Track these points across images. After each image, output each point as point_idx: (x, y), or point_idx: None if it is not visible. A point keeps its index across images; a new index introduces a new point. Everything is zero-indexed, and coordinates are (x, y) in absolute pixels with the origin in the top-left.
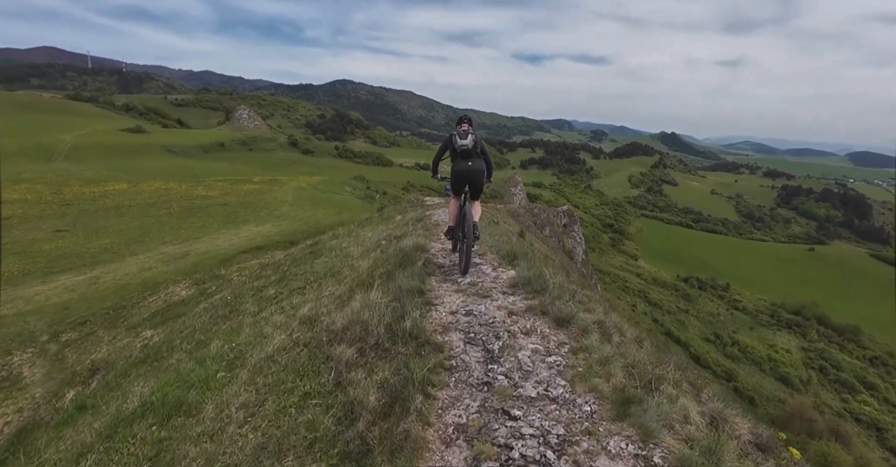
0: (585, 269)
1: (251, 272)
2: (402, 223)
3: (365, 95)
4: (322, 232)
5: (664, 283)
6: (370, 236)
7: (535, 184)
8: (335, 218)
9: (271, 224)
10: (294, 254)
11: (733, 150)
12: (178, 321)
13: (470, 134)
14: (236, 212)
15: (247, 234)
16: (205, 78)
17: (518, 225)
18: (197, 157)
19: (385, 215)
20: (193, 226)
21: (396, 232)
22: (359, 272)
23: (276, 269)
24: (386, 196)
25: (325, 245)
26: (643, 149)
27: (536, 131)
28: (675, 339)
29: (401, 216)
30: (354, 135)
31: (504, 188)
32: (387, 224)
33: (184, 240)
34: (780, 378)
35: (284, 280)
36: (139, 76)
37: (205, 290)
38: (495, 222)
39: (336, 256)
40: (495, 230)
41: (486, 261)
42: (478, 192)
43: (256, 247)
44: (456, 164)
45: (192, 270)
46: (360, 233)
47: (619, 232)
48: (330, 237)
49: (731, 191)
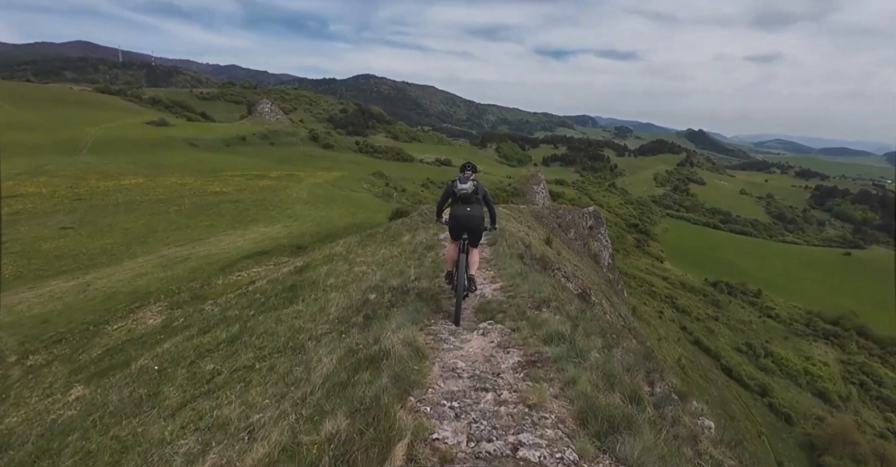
0: (612, 274)
1: (222, 305)
2: (408, 251)
3: (387, 90)
4: (333, 235)
5: (692, 288)
6: (364, 270)
7: (557, 181)
8: (349, 218)
9: (281, 224)
10: (274, 283)
11: (764, 149)
12: (112, 378)
13: (471, 180)
14: (247, 210)
15: (254, 236)
16: (231, 72)
17: (544, 229)
18: (218, 151)
19: (392, 232)
20: (201, 226)
21: (397, 267)
22: (320, 370)
23: (239, 316)
24: (405, 193)
25: (311, 275)
26: (669, 147)
27: (559, 127)
28: (705, 349)
29: (409, 235)
30: (376, 130)
31: (526, 186)
32: (391, 246)
33: (188, 242)
34: (817, 393)
35: (236, 342)
36: (167, 70)
37: (171, 322)
38: (516, 220)
39: (313, 303)
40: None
41: (508, 315)
42: (476, 239)
43: (261, 251)
44: (455, 209)
45: (188, 278)
46: (358, 254)
47: (644, 232)
48: (324, 259)
49: (761, 191)
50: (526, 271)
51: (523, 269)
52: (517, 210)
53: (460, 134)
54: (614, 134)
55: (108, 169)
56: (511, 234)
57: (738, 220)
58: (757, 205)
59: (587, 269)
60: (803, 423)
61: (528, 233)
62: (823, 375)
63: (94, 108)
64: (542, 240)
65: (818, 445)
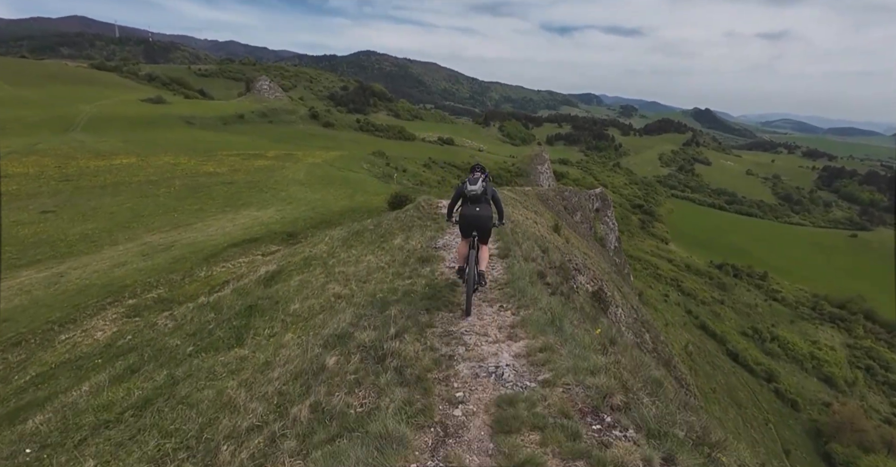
0: (618, 258)
1: (177, 319)
2: (398, 261)
3: (389, 67)
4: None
5: (697, 270)
6: (338, 292)
7: (561, 160)
8: (346, 202)
9: (274, 208)
10: (237, 295)
11: (771, 128)
12: (10, 429)
13: (480, 181)
14: (240, 192)
15: (244, 221)
16: (230, 48)
17: (551, 214)
18: (215, 130)
19: (383, 230)
20: (189, 210)
21: (380, 292)
22: None
23: (175, 354)
24: (406, 174)
25: (278, 289)
26: (675, 126)
27: (563, 106)
28: (711, 333)
29: (402, 236)
30: (377, 108)
31: (530, 166)
32: (379, 251)
33: (174, 227)
34: (823, 378)
35: (146, 412)
36: (165, 46)
37: (117, 340)
38: (524, 213)
39: (261, 349)
40: (528, 246)
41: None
42: (486, 236)
43: (250, 239)
44: (465, 209)
45: (168, 269)
46: (340, 259)
47: (649, 213)
48: (300, 264)
49: (767, 171)
50: (557, 311)
51: (552, 307)
52: (522, 193)
53: (463, 112)
54: (619, 113)
55: (100, 148)
56: (524, 235)
57: (744, 201)
58: (763, 185)
59: (596, 257)
60: (809, 409)
61: (535, 219)
62: (830, 360)
63: (90, 85)
64: (551, 228)
65: (825, 432)
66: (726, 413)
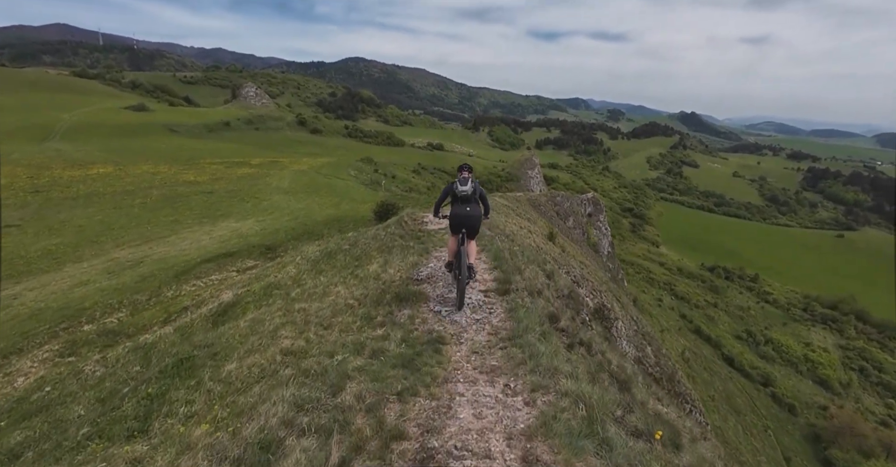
0: (612, 263)
1: (107, 366)
2: (370, 299)
3: (377, 73)
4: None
5: (690, 273)
6: (288, 347)
7: (550, 165)
8: (331, 211)
9: (255, 219)
10: (178, 337)
11: (755, 131)
12: None
13: (469, 181)
14: (220, 202)
15: (222, 233)
16: (217, 55)
17: (544, 221)
18: (200, 137)
19: (359, 251)
20: (164, 221)
21: (343, 350)
22: None
23: (65, 435)
24: (395, 180)
25: (222, 333)
26: (662, 130)
27: (552, 110)
28: (706, 338)
29: (379, 261)
30: (366, 114)
31: (520, 170)
32: (351, 280)
33: (145, 241)
34: (818, 381)
35: None
36: (150, 53)
37: (36, 390)
38: (509, 225)
39: (166, 444)
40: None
41: None
42: (474, 233)
43: (226, 253)
44: (455, 208)
45: (134, 288)
46: (305, 289)
47: (640, 216)
48: (259, 294)
49: (753, 173)
50: (588, 394)
51: (581, 392)
52: (514, 199)
53: (452, 117)
54: (607, 117)
55: (77, 157)
56: (524, 254)
57: (732, 203)
58: (750, 187)
59: (592, 265)
60: (807, 413)
61: (530, 228)
62: (824, 362)
63: (71, 93)
64: (545, 236)
65: (824, 437)
66: (726, 421)
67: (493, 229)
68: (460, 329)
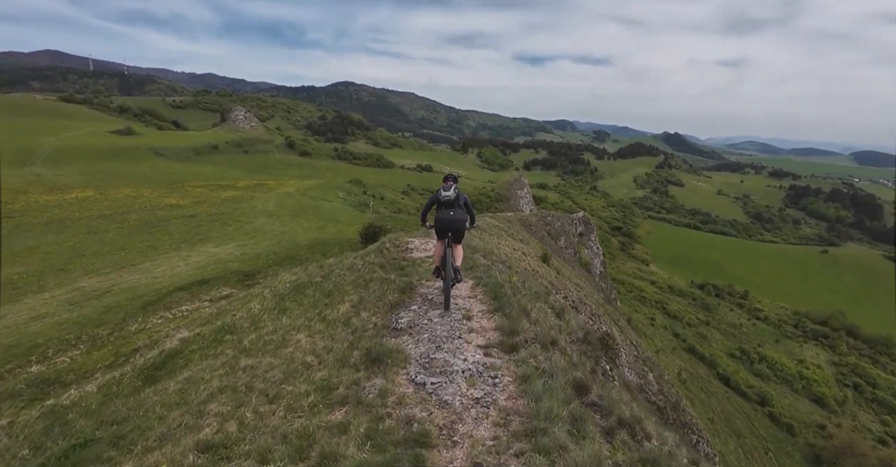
0: (604, 283)
1: (11, 434)
2: (335, 356)
3: (367, 97)
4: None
5: (680, 291)
6: (207, 434)
7: (539, 185)
8: (316, 234)
9: (235, 243)
10: (103, 397)
11: (737, 150)
12: None
13: (453, 188)
14: (200, 226)
15: (199, 259)
16: (207, 80)
17: (537, 242)
18: (186, 161)
19: (332, 285)
20: (140, 247)
21: (285, 446)
22: None
23: None
24: (383, 201)
25: (152, 395)
26: (647, 150)
27: (539, 132)
28: (700, 357)
29: (353, 300)
30: (356, 137)
31: (510, 191)
32: (317, 325)
33: (117, 268)
34: (814, 398)
35: None
36: (141, 79)
37: None
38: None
39: None
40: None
41: None
42: (459, 237)
43: (201, 280)
44: (440, 213)
45: (96, 321)
46: (262, 334)
47: (629, 235)
48: (210, 339)
49: (737, 191)
50: None
51: None
52: (505, 219)
53: (441, 139)
54: (593, 138)
55: (57, 181)
56: (525, 286)
57: (718, 221)
58: (735, 205)
59: (587, 287)
60: (805, 433)
61: (524, 250)
62: (818, 379)
63: (57, 117)
64: (539, 258)
65: (825, 458)
66: (727, 445)
67: (489, 256)
68: (453, 416)
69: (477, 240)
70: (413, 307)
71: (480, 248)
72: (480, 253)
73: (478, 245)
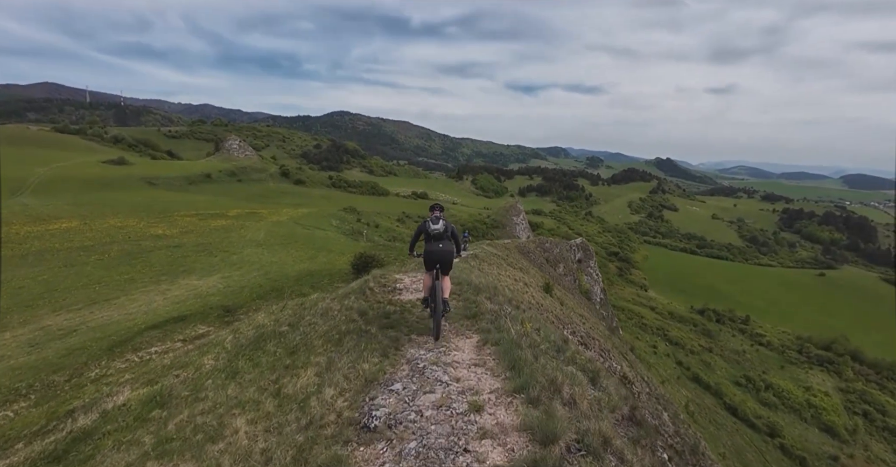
0: (605, 311)
1: None
2: (285, 463)
3: (362, 126)
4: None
5: (681, 317)
6: None
7: (534, 211)
8: (305, 265)
9: (219, 275)
10: None
11: (729, 175)
12: None
13: (441, 220)
14: (185, 257)
15: (179, 293)
16: (204, 111)
17: (538, 271)
18: (179, 190)
19: (299, 337)
20: (117, 280)
21: None
22: None
23: None
24: (378, 229)
25: None
26: (640, 175)
27: (533, 158)
28: (705, 386)
29: (320, 366)
30: (351, 165)
31: (506, 217)
32: (268, 402)
33: (89, 304)
34: (824, 428)
35: None
36: (137, 110)
37: None
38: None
39: None
40: None
41: None
42: (447, 268)
43: (178, 317)
44: (428, 246)
45: (56, 365)
46: (200, 409)
47: (626, 260)
48: (136, 415)
49: (731, 215)
50: None
51: None
52: (503, 246)
53: (436, 167)
54: (586, 164)
55: (43, 212)
56: (550, 346)
57: (714, 245)
58: (729, 229)
59: (590, 317)
60: (818, 465)
61: (526, 281)
62: (827, 407)
63: (50, 148)
64: (541, 288)
65: None
66: None
67: (495, 297)
68: None
69: (476, 273)
70: (396, 385)
71: (483, 286)
72: (484, 294)
73: (480, 282)
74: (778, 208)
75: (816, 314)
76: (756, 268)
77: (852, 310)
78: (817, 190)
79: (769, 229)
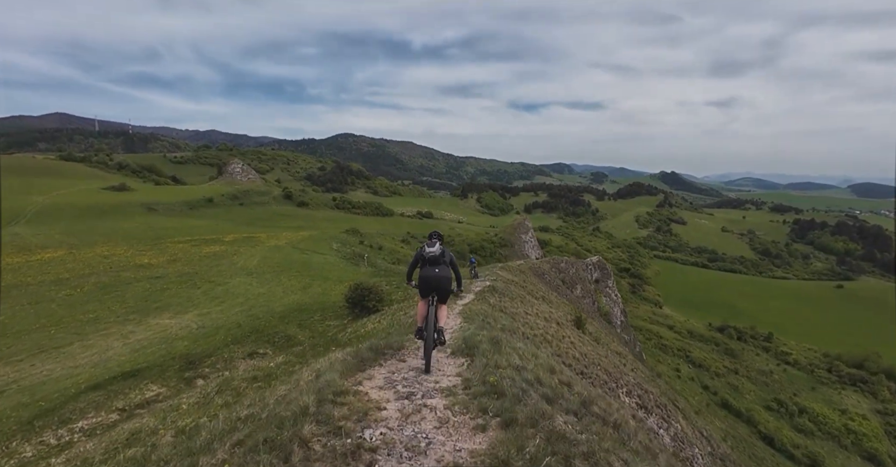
0: (626, 334)
1: None
2: None
3: (366, 147)
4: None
5: (701, 336)
6: None
7: (541, 228)
8: (297, 296)
9: (196, 312)
10: None
11: (735, 187)
12: None
13: (437, 244)
14: (163, 290)
15: (143, 336)
16: (210, 137)
17: (564, 302)
18: (179, 215)
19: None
20: (81, 320)
21: None
22: None
23: None
24: (381, 251)
25: None
26: (646, 189)
27: (537, 175)
28: (736, 413)
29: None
30: (355, 186)
31: (514, 235)
32: None
33: (35, 353)
34: (867, 456)
35: None
36: (145, 137)
37: None
38: None
39: None
40: None
41: None
42: (444, 297)
43: (129, 372)
44: (424, 271)
45: None
46: None
47: (638, 276)
48: None
49: (741, 227)
50: None
51: None
52: (518, 270)
53: (440, 186)
54: (591, 179)
55: (32, 241)
56: None
57: (725, 258)
58: (740, 241)
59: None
60: None
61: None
62: (868, 432)
63: (53, 176)
64: (572, 322)
65: None
66: None
67: (524, 370)
68: None
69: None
70: None
71: (517, 356)
72: (516, 353)
73: (510, 349)
74: (788, 219)
75: (838, 328)
76: (772, 282)
77: (876, 323)
78: (826, 199)
79: (781, 241)
